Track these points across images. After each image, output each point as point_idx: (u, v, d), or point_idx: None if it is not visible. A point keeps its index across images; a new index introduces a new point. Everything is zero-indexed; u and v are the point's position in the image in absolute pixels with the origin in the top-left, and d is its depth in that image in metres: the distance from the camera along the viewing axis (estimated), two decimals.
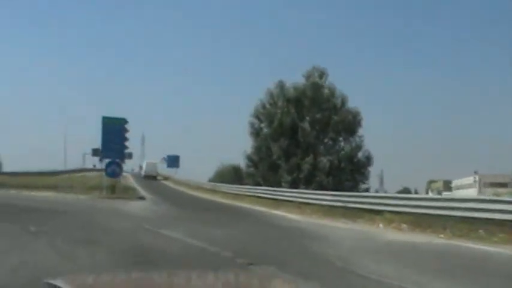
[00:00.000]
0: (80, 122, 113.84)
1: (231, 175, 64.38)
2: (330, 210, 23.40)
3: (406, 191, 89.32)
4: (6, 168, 73.10)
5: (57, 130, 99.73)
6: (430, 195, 63.69)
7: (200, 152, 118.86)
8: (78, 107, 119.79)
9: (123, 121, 33.16)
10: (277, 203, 29.30)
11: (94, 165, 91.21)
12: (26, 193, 32.03)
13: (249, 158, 48.43)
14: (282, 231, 16.81)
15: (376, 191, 56.43)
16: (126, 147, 33.41)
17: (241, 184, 46.41)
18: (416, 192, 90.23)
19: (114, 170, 32.13)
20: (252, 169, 48.73)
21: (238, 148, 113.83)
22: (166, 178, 72.94)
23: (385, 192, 44.86)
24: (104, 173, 32.66)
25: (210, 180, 63.98)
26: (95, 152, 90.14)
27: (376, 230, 17.86)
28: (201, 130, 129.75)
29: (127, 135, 33.32)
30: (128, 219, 18.11)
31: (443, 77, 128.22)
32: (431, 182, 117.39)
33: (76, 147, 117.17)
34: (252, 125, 48.49)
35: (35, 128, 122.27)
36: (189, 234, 13.54)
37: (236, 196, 37.64)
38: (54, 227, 14.36)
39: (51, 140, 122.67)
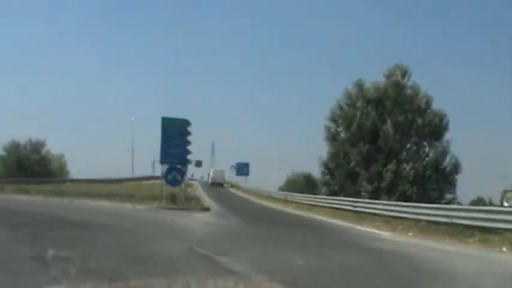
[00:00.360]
0: (150, 129, 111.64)
1: (302, 184, 61.88)
2: (428, 227, 19.02)
3: (480, 201, 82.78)
4: (78, 176, 72.88)
5: (127, 137, 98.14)
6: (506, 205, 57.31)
7: (270, 159, 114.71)
8: (149, 113, 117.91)
9: (185, 123, 29.65)
10: (359, 216, 25.23)
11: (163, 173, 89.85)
12: (78, 202, 29.16)
13: (325, 165, 44.30)
14: (382, 259, 12.53)
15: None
16: (189, 152, 29.85)
17: (312, 193, 43.33)
18: (491, 203, 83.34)
19: (175, 177, 28.67)
20: (327, 177, 44.60)
21: (310, 156, 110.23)
22: (233, 185, 71.23)
23: (458, 202, 39.89)
24: (163, 181, 29.20)
25: (280, 189, 61.02)
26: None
27: (503, 257, 13.47)
28: (272, 137, 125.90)
29: (189, 138, 29.73)
30: (182, 238, 14.27)
31: None
32: (506, 191, 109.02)
33: (146, 154, 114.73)
34: (327, 128, 44.50)
35: (107, 134, 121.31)
36: (259, 267, 9.56)
37: (311, 207, 33.81)
38: (80, 251, 10.66)
39: (121, 147, 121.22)
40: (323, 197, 37.69)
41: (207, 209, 28.87)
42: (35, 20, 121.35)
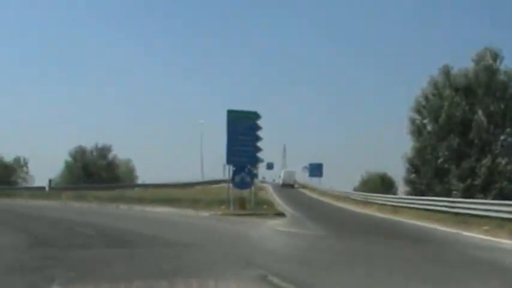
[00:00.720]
0: (221, 131, 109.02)
1: (377, 184, 60.09)
2: None
3: None
4: (146, 181, 70.73)
5: (197, 140, 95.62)
6: None
7: (342, 160, 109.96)
8: (219, 115, 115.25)
9: (255, 115, 25.94)
10: (459, 219, 20.86)
11: (229, 178, 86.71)
12: (137, 209, 26.06)
13: (410, 162, 39.75)
14: None
15: None
16: (259, 149, 26.12)
17: (388, 193, 40.82)
18: None
19: (243, 179, 25.12)
20: (413, 175, 40.04)
21: (384, 155, 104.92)
22: (303, 186, 68.85)
23: None
24: (231, 184, 25.68)
25: (356, 190, 57.14)
26: None
27: None
28: (343, 137, 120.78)
29: (260, 133, 26.06)
30: (251, 260, 10.36)
31: None
32: None
33: (217, 157, 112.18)
34: (412, 121, 40.13)
35: (176, 138, 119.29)
36: None
37: (396, 209, 29.46)
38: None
39: (191, 150, 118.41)
40: (408, 197, 33.65)
41: (281, 215, 25.05)
42: (97, 22, 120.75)
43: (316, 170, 75.18)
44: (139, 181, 74.90)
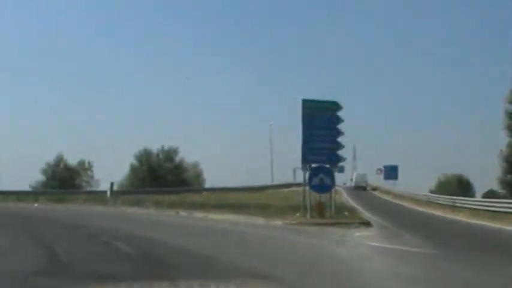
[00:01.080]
0: (290, 133, 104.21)
1: (453, 186, 60.01)
2: None
3: None
4: (214, 184, 67.61)
5: (265, 142, 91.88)
6: None
7: (417, 161, 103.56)
8: (288, 116, 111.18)
9: (335, 106, 21.78)
10: None
11: (305, 180, 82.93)
12: (199, 215, 22.63)
13: (507, 160, 34.72)
14: None
15: None
16: (340, 146, 22.01)
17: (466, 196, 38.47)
18: None
19: (322, 181, 21.08)
20: (510, 176, 35.03)
21: (460, 156, 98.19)
22: (374, 188, 67.47)
23: None
24: (307, 187, 21.68)
25: (432, 193, 53.73)
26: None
27: None
28: (416, 138, 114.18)
29: (340, 127, 21.96)
30: None
31: None
32: None
33: (287, 160, 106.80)
34: (508, 114, 34.84)
35: (244, 140, 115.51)
36: None
37: (494, 215, 24.96)
38: None
39: (260, 153, 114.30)
40: (507, 201, 28.69)
41: (366, 223, 20.87)
42: (164, 20, 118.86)
43: (391, 172, 71.50)
44: (207, 185, 72.01)
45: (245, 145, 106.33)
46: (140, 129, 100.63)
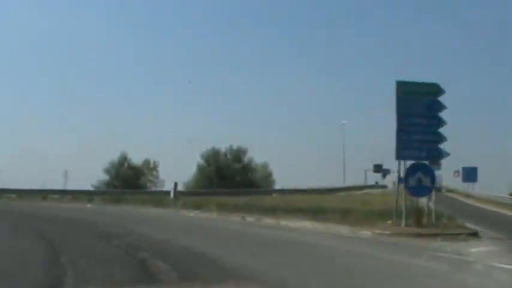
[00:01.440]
0: (363, 133, 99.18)
1: None
2: None
3: None
4: (283, 186, 64.92)
5: (337, 142, 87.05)
6: None
7: (498, 162, 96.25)
8: (360, 115, 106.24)
9: (436, 89, 17.59)
10: None
11: (376, 182, 78.68)
12: (269, 221, 19.02)
13: None
14: None
15: None
16: (443, 139, 17.80)
17: None
18: None
19: (420, 182, 17.03)
20: None
21: None
22: (450, 191, 66.21)
23: None
24: (403, 188, 17.66)
25: None
26: (377, 169, 77.93)
27: None
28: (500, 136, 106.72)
29: (442, 114, 17.77)
30: None
31: None
32: None
33: (361, 161, 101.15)
34: None
35: (313, 139, 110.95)
36: None
37: None
38: None
39: (331, 153, 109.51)
40: None
41: (474, 235, 16.71)
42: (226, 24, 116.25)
43: (470, 174, 67.46)
44: (277, 187, 68.58)
45: (313, 145, 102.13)
46: (208, 128, 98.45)
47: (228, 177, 64.23)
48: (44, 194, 42.22)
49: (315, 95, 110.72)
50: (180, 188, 43.45)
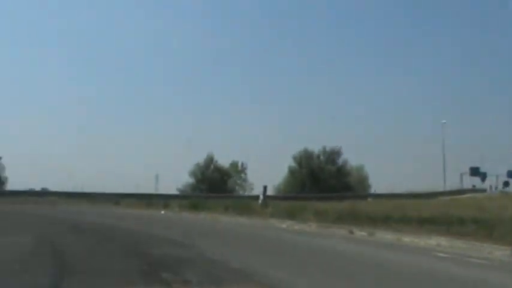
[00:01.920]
0: (461, 132, 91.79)
1: None
2: None
3: None
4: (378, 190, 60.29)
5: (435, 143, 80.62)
6: None
7: None
8: (456, 113, 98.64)
9: None
10: None
11: (474, 186, 71.94)
12: (388, 238, 14.34)
13: None
14: None
15: None
16: None
17: None
18: None
19: None
20: None
21: None
22: None
23: None
24: None
25: None
26: (474, 172, 71.42)
27: None
28: None
29: None
30: None
31: None
32: None
33: (455, 163, 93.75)
34: None
35: (411, 140, 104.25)
36: None
37: None
38: None
39: (429, 154, 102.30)
40: None
41: None
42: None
43: None
44: (373, 191, 63.60)
45: (408, 147, 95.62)
46: (300, 130, 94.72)
47: (322, 181, 59.92)
48: (116, 199, 40.48)
49: (413, 94, 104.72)
50: (269, 191, 39.56)
